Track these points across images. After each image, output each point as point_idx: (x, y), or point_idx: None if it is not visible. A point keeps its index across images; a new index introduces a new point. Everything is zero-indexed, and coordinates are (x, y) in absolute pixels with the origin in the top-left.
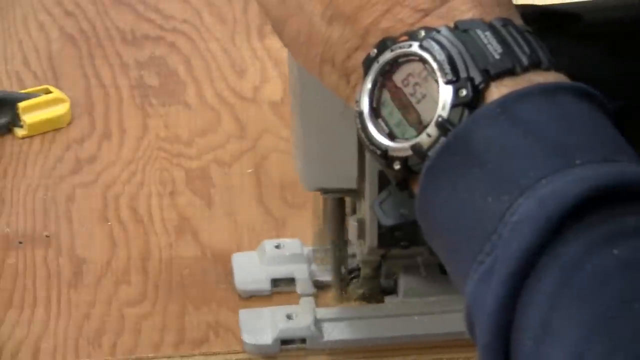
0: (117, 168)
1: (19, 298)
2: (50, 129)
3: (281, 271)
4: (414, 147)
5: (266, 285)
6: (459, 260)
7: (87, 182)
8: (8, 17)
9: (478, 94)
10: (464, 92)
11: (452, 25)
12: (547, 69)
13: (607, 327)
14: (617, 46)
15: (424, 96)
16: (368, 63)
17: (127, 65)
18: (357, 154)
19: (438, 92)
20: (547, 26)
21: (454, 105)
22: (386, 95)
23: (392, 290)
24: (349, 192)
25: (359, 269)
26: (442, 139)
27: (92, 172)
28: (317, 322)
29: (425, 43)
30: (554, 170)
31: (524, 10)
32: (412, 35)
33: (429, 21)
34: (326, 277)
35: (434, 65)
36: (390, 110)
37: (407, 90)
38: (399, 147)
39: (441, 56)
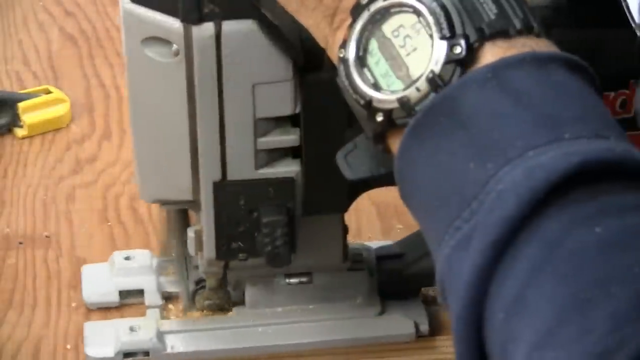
0: (117, 168)
1: (19, 298)
2: (50, 129)
3: (130, 283)
4: (401, 100)
5: (114, 297)
6: (434, 222)
7: (87, 182)
8: (8, 17)
9: (472, 53)
10: (458, 49)
11: None
12: (538, 35)
13: (582, 308)
14: None
15: (414, 49)
16: (358, 10)
17: None
18: (191, 165)
19: (431, 46)
20: None
21: (446, 62)
22: (374, 45)
23: (242, 301)
24: (187, 203)
25: (205, 280)
26: (430, 97)
27: (92, 172)
28: (160, 335)
29: None
30: (542, 142)
31: None
32: None
33: None
34: (174, 288)
35: (430, 18)
36: (377, 60)
37: (397, 42)
38: (385, 98)
39: (438, 10)
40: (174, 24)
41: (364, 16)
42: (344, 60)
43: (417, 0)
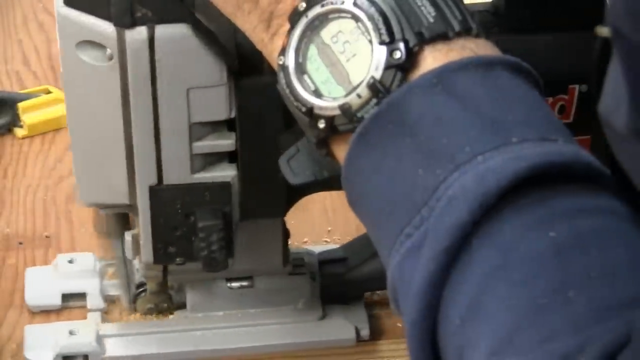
0: None
1: (19, 298)
2: (50, 129)
3: (73, 286)
4: (343, 107)
5: (56, 300)
6: (384, 230)
7: None
8: (8, 17)
9: (412, 57)
10: (397, 54)
11: None
12: (477, 36)
13: (540, 313)
14: None
15: (354, 55)
16: (296, 17)
17: None
18: (127, 169)
19: (371, 52)
20: None
21: (387, 67)
22: (313, 51)
23: (185, 304)
24: (124, 207)
25: (146, 284)
26: (374, 102)
27: None
28: (100, 338)
29: (358, 0)
30: (490, 147)
31: None
32: None
33: None
34: (117, 291)
35: (369, 24)
36: (317, 66)
37: (336, 48)
38: (327, 105)
39: (376, 15)
40: (107, 28)
41: (302, 22)
42: (284, 68)
43: (355, 6)
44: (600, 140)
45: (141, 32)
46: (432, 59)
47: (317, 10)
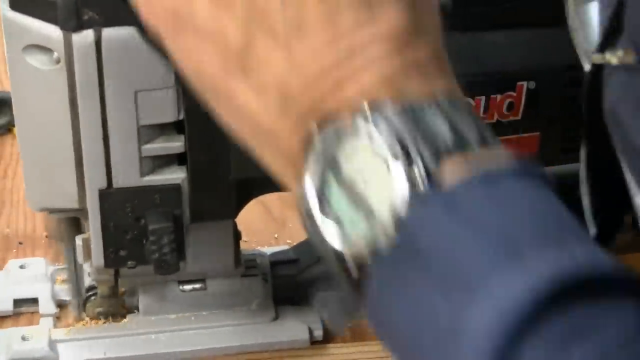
0: None
1: None
2: None
3: (24, 291)
4: (370, 245)
5: (8, 306)
6: None
7: None
8: None
9: (430, 177)
10: (416, 175)
11: (398, 102)
12: (491, 146)
13: None
14: None
15: (370, 178)
16: (312, 155)
17: None
18: (76, 173)
19: (388, 172)
20: None
21: (407, 195)
22: (331, 181)
23: (138, 308)
24: (74, 211)
25: (96, 287)
26: (392, 235)
27: None
28: (52, 343)
29: (373, 120)
30: (506, 270)
31: None
32: (355, 113)
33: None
34: (69, 296)
35: (384, 145)
36: (337, 197)
37: (354, 176)
38: (356, 252)
39: (391, 138)
40: (54, 31)
41: (319, 159)
42: (307, 210)
43: (368, 125)
44: (548, 138)
45: (88, 35)
46: (449, 176)
47: (331, 140)
